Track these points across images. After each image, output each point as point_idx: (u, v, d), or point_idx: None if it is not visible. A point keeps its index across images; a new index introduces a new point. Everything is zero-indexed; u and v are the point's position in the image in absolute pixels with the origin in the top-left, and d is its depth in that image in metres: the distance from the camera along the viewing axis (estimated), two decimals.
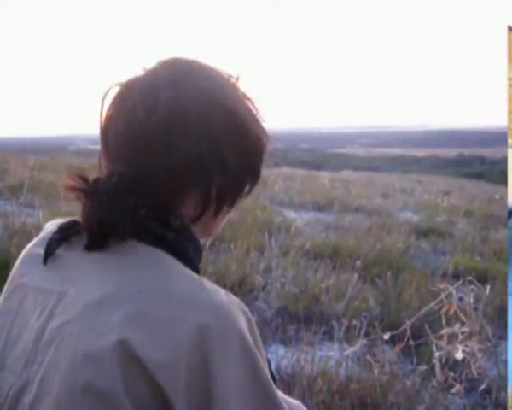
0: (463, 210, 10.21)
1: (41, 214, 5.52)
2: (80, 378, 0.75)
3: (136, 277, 0.82)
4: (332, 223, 7.76)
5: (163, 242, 0.86)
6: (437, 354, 2.92)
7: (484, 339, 3.32)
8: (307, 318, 3.98)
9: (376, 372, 3.05)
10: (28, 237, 0.89)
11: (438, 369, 2.97)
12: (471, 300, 2.92)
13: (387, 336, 2.92)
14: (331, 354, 3.24)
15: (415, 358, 3.35)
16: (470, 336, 2.90)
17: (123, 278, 0.82)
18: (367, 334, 3.15)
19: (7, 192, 7.08)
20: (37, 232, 0.98)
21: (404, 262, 5.76)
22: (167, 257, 0.85)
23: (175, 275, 0.83)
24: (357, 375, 3.14)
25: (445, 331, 2.88)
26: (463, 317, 2.88)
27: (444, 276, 5.33)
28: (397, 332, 2.92)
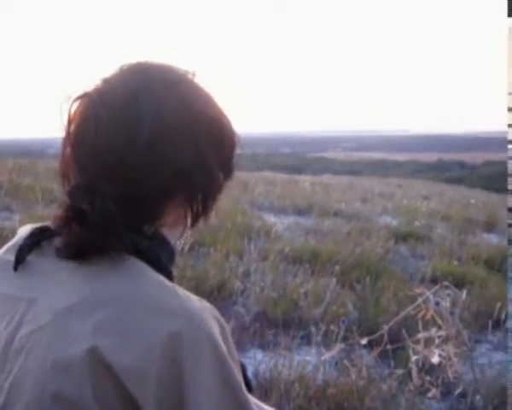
0: (442, 214, 10.30)
1: (18, 218, 5.48)
2: (50, 387, 0.75)
3: (107, 284, 0.81)
4: (312, 227, 7.77)
5: (137, 249, 0.86)
6: (414, 359, 2.94)
7: (460, 343, 3.35)
8: (286, 322, 3.99)
9: (354, 377, 3.06)
10: (5, 241, 0.89)
11: (414, 373, 2.99)
12: (447, 304, 2.95)
13: (365, 340, 2.94)
14: (309, 359, 3.25)
15: (392, 362, 3.37)
16: (447, 340, 2.93)
17: (94, 286, 0.81)
18: (345, 338, 3.16)
19: None
20: (14, 236, 0.98)
21: (383, 267, 5.79)
22: (141, 264, 0.85)
23: (148, 282, 0.83)
24: (334, 380, 3.15)
25: (422, 336, 2.90)
26: (440, 321, 2.91)
27: (422, 280, 5.37)
28: (374, 337, 2.93)
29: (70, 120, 0.90)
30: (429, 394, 3.01)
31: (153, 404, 0.75)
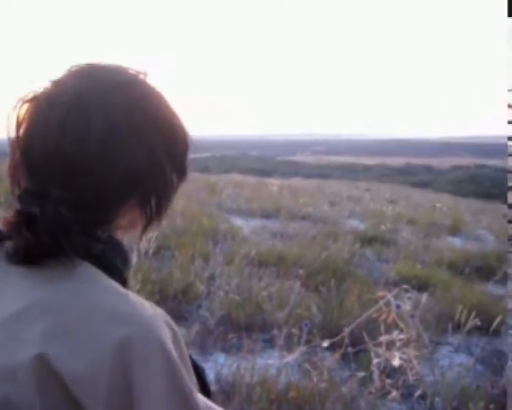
0: (407, 218, 10.43)
1: None
2: None
3: (58, 290, 0.80)
4: (278, 230, 7.80)
5: (90, 254, 0.85)
6: (375, 361, 2.97)
7: (421, 346, 3.40)
8: (249, 326, 4.00)
9: (315, 380, 3.08)
10: None
11: (376, 376, 3.02)
12: (408, 307, 2.99)
13: (327, 343, 2.96)
14: (271, 362, 3.25)
15: (353, 365, 3.40)
16: (408, 343, 2.97)
17: (44, 291, 0.80)
18: (308, 341, 3.18)
19: None
20: None
21: (348, 270, 5.85)
22: (93, 270, 0.84)
23: (99, 288, 0.82)
24: (296, 383, 3.16)
25: (384, 338, 2.94)
26: (402, 324, 2.95)
27: (386, 284, 5.43)
28: (336, 339, 2.96)
29: (19, 124, 0.89)
30: (390, 396, 3.04)
31: None
